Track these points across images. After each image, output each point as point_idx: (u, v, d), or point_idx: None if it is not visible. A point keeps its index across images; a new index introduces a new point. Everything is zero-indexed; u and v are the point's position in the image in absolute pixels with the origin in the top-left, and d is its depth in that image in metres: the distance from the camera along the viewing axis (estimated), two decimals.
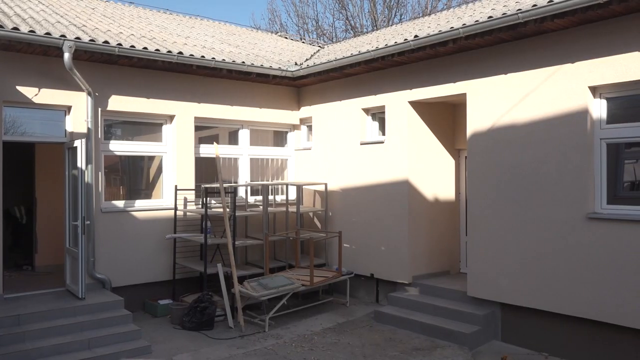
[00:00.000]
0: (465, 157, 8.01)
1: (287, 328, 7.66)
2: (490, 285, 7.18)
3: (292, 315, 8.17)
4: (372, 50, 8.20)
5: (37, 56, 7.48)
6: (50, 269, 9.32)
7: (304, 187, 10.24)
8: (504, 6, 7.26)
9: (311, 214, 10.31)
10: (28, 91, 7.43)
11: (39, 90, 7.50)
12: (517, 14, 6.27)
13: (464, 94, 7.63)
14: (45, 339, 6.38)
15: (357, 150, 9.28)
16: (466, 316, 7.23)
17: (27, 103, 7.47)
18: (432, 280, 8.37)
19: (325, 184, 9.72)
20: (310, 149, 10.36)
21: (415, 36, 7.61)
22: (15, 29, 6.87)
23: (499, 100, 7.14)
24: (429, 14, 13.25)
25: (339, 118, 9.63)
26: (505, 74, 7.07)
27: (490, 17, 6.63)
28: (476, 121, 7.43)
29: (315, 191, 10.25)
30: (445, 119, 8.96)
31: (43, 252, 9.60)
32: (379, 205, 8.83)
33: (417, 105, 8.51)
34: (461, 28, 6.90)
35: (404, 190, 8.43)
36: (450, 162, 9.02)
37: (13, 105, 7.41)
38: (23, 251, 10.24)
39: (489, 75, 7.26)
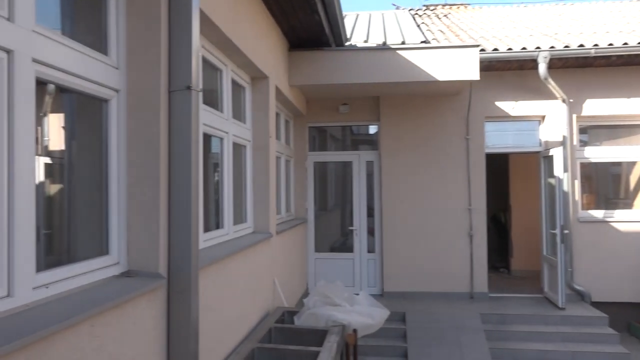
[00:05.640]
0: None
1: None
2: None
3: None
4: None
5: (512, 71, 7.90)
6: (524, 274, 9.69)
7: None
8: None
9: None
10: (505, 105, 7.94)
11: (515, 103, 7.91)
12: None
13: None
14: (526, 342, 6.58)
15: None
16: None
17: (504, 117, 7.99)
18: None
19: None
20: None
21: None
22: (495, 49, 7.48)
23: None
24: None
25: None
26: None
27: None
28: None
29: None
30: None
31: (517, 257, 10.07)
32: None
33: None
34: None
35: None
36: None
37: (492, 120, 8.07)
38: (499, 254, 11.01)
39: None
